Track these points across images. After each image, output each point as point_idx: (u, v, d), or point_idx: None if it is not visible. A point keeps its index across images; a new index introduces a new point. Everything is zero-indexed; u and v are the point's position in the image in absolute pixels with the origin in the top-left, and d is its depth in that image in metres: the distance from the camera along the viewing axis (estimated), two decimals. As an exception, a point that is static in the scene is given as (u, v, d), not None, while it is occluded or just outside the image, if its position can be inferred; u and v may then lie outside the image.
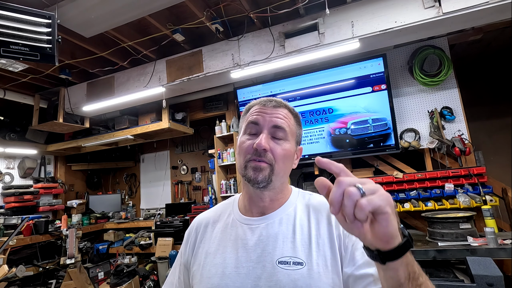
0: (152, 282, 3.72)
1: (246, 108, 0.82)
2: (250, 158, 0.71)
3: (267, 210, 0.76)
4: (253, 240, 0.72)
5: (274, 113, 0.75)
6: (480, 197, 2.44)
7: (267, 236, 0.72)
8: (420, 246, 2.16)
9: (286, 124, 0.74)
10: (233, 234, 0.76)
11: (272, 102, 0.77)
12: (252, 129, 0.75)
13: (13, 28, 1.75)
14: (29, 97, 3.70)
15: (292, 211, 0.76)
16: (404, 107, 3.09)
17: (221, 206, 0.87)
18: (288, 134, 0.74)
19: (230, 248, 0.74)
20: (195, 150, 5.21)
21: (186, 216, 4.19)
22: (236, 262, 0.71)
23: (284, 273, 0.66)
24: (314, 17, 2.55)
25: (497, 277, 1.68)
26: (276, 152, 0.71)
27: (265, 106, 0.76)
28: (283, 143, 0.73)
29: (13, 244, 3.40)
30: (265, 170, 0.70)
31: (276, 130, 0.73)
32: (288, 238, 0.71)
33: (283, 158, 0.72)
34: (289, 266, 0.66)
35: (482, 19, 2.27)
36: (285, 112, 0.76)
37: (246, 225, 0.76)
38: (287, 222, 0.73)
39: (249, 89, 3.55)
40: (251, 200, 0.77)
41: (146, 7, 2.25)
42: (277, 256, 0.68)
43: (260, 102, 0.78)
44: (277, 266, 0.67)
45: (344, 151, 3.13)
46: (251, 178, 0.70)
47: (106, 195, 5.50)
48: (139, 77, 3.30)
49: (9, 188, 4.26)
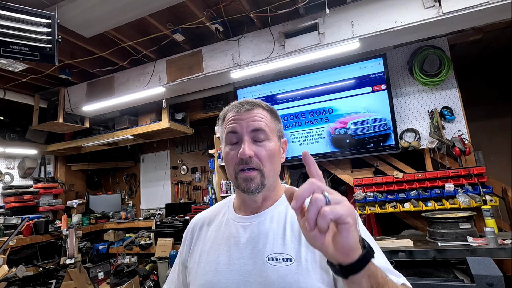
0: (152, 282, 3.72)
1: (221, 116, 0.81)
2: (238, 168, 0.72)
3: (260, 209, 0.78)
4: (245, 237, 0.74)
5: (249, 117, 0.74)
6: (480, 197, 2.44)
7: (258, 233, 0.74)
8: (420, 246, 2.16)
9: (264, 123, 0.75)
10: (227, 232, 0.78)
11: (244, 105, 0.76)
12: (232, 138, 0.75)
13: (13, 28, 1.75)
14: (29, 97, 3.70)
15: (283, 208, 0.77)
16: (404, 107, 3.09)
17: (217, 206, 0.90)
18: (268, 133, 0.74)
19: (223, 246, 0.76)
20: (195, 150, 5.21)
21: (186, 216, 4.19)
22: (228, 259, 0.73)
23: (273, 269, 0.67)
24: (314, 17, 2.55)
25: (497, 277, 1.68)
26: (261, 155, 0.72)
27: (239, 112, 0.75)
28: (266, 144, 0.74)
29: (13, 244, 3.40)
30: (256, 178, 0.72)
31: (256, 133, 0.73)
32: (278, 235, 0.72)
33: (269, 158, 0.73)
34: (278, 262, 0.68)
35: (482, 19, 2.27)
36: (260, 112, 0.76)
37: (239, 223, 0.78)
38: (278, 220, 0.75)
39: (249, 89, 3.55)
40: (244, 202, 0.80)
41: (146, 7, 2.25)
42: (267, 253, 0.70)
43: (233, 108, 0.77)
44: (267, 262, 0.69)
45: (344, 151, 3.13)
46: (244, 189, 0.72)
47: (106, 195, 5.51)
48: (139, 77, 3.30)
49: (9, 188, 4.26)
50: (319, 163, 3.38)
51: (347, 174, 3.26)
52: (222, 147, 0.79)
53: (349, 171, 3.29)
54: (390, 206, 2.75)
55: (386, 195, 2.78)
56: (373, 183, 2.85)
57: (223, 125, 0.79)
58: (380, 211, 2.76)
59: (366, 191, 2.84)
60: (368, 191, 2.83)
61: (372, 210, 2.78)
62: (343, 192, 3.54)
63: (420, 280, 1.88)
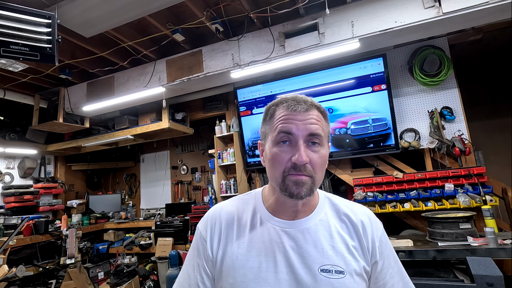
0: (152, 282, 3.72)
1: (269, 110, 0.73)
2: (289, 172, 0.66)
3: (299, 213, 0.73)
4: (290, 244, 0.69)
5: (307, 119, 0.67)
6: (480, 197, 2.44)
7: (305, 241, 0.69)
8: (420, 246, 2.16)
9: (321, 128, 0.68)
10: (266, 236, 0.71)
11: (301, 104, 0.68)
12: (284, 138, 0.68)
13: (13, 28, 1.75)
14: (29, 97, 3.70)
15: (324, 216, 0.74)
16: (404, 107, 3.09)
17: (240, 202, 0.80)
18: (323, 139, 0.69)
19: (265, 251, 0.69)
20: (195, 150, 5.21)
21: (186, 216, 4.19)
22: (274, 267, 0.67)
23: (327, 282, 0.65)
24: (314, 17, 2.55)
25: (497, 277, 1.68)
26: (315, 163, 0.67)
27: (295, 111, 0.68)
28: (320, 150, 0.68)
29: (13, 244, 3.40)
30: (307, 183, 0.66)
31: (312, 138, 0.67)
32: (326, 245, 0.69)
33: (322, 166, 0.69)
34: (332, 274, 0.65)
35: (482, 19, 2.27)
36: (316, 114, 0.69)
37: (280, 228, 0.71)
38: (323, 229, 0.71)
39: (249, 89, 3.55)
40: (283, 204, 0.73)
41: (146, 7, 2.25)
42: (319, 264, 0.66)
43: (288, 105, 0.69)
44: (319, 273, 0.65)
45: (344, 151, 3.13)
46: (294, 194, 0.66)
47: (106, 195, 5.50)
48: (139, 77, 3.30)
49: (9, 188, 4.26)
50: (319, 163, 3.37)
51: (347, 174, 3.26)
52: (268, 145, 0.71)
53: (349, 171, 3.29)
54: (390, 206, 2.75)
55: (386, 195, 2.78)
56: (373, 183, 2.85)
57: (272, 121, 0.71)
58: (380, 211, 2.76)
59: (366, 191, 2.84)
60: (368, 191, 2.83)
61: (372, 210, 2.74)
62: (343, 192, 3.54)
63: (420, 280, 1.88)
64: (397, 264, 0.72)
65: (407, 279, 0.71)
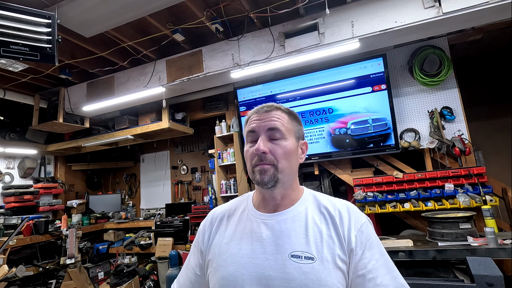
0: (152, 282, 3.73)
1: (246, 119, 0.87)
2: (255, 163, 0.77)
3: (280, 207, 0.81)
4: (267, 233, 0.77)
5: (267, 117, 0.80)
6: (480, 197, 2.44)
7: (280, 231, 0.76)
8: (420, 246, 2.16)
9: (280, 123, 0.79)
10: (248, 227, 0.81)
11: (264, 107, 0.82)
12: (252, 137, 0.81)
13: (13, 28, 1.75)
14: (29, 97, 3.70)
15: (303, 209, 0.80)
16: (404, 107, 3.09)
17: (235, 202, 0.92)
18: (284, 133, 0.79)
19: (245, 240, 0.79)
20: (195, 150, 5.21)
21: (186, 216, 4.19)
22: (251, 252, 0.76)
23: (295, 266, 0.70)
24: (314, 17, 2.55)
25: (497, 277, 1.68)
26: (276, 152, 0.77)
27: (259, 113, 0.82)
28: (281, 142, 0.78)
29: (13, 244, 3.40)
30: (269, 170, 0.75)
31: (272, 132, 0.78)
32: (300, 235, 0.75)
33: (284, 155, 0.77)
34: (301, 259, 0.71)
35: (482, 19, 2.27)
36: (277, 113, 0.81)
37: (260, 220, 0.80)
38: (299, 220, 0.78)
39: (249, 89, 3.55)
40: (264, 199, 0.82)
41: (146, 7, 2.26)
42: (290, 250, 0.73)
43: (257, 110, 0.83)
44: (289, 259, 0.72)
45: (344, 151, 3.13)
46: (259, 181, 0.76)
47: (106, 195, 5.50)
48: (139, 77, 3.30)
49: (9, 188, 4.26)
50: (319, 163, 3.38)
51: (347, 174, 3.26)
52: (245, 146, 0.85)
53: (349, 171, 3.29)
54: (390, 206, 2.75)
55: (386, 195, 2.78)
56: (373, 183, 2.85)
57: (246, 126, 0.85)
58: (380, 211, 2.76)
59: (366, 191, 2.85)
60: (368, 191, 2.83)
61: (372, 210, 2.78)
62: (343, 192, 3.54)
63: (420, 280, 1.88)
64: (383, 257, 0.72)
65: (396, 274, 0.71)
